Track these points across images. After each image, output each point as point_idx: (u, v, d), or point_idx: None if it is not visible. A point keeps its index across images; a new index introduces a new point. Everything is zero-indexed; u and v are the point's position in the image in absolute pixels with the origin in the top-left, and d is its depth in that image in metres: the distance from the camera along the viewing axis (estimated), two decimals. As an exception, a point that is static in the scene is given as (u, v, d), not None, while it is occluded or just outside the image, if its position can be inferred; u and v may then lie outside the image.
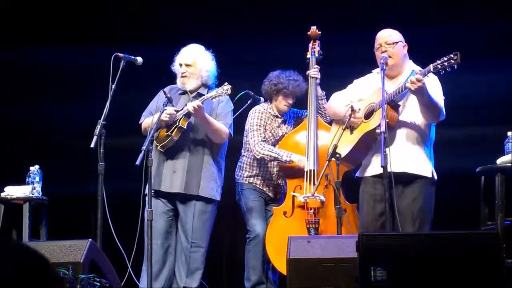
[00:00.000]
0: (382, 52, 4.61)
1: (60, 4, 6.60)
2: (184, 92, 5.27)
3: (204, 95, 5.18)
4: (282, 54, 5.87)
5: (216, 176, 5.19)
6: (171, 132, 5.04)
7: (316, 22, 5.54)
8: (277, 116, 5.51)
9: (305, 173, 5.19)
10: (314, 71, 5.38)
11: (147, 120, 5.18)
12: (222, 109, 5.19)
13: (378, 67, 4.65)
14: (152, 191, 4.94)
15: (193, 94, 5.24)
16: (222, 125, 5.13)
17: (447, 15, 6.10)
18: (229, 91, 4.95)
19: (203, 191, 5.11)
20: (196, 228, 5.11)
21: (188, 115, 5.03)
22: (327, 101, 5.13)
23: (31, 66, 6.59)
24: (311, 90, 5.37)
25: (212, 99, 5.00)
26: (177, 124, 5.03)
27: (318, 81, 5.39)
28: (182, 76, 5.23)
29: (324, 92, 5.38)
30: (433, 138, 4.72)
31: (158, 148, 5.10)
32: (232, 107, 5.30)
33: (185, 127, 5.04)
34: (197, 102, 4.96)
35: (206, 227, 5.15)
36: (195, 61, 5.23)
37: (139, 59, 5.08)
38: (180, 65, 5.24)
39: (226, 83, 4.96)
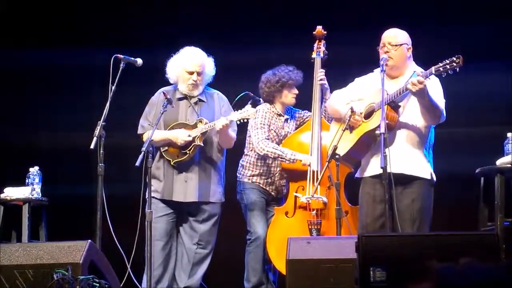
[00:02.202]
0: (385, 53, 4.60)
1: (60, 5, 6.59)
2: (183, 98, 5.26)
3: (202, 99, 5.23)
4: (282, 54, 5.85)
5: (222, 180, 5.29)
6: (189, 150, 5.09)
7: (315, 21, 5.53)
8: (280, 115, 5.50)
9: (308, 174, 5.18)
10: (321, 76, 5.36)
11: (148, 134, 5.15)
12: (226, 114, 5.20)
13: (379, 66, 4.63)
14: (158, 196, 5.04)
15: (194, 100, 5.25)
16: (233, 133, 5.20)
17: (447, 15, 6.09)
18: (254, 115, 5.08)
19: (214, 196, 5.20)
20: (204, 231, 5.18)
21: (205, 133, 5.08)
22: None
23: (30, 66, 6.58)
24: (316, 91, 5.36)
25: (237, 121, 5.07)
26: (195, 142, 5.08)
27: (326, 85, 5.37)
28: (192, 84, 5.22)
29: None
30: (432, 140, 4.71)
31: (172, 163, 5.13)
32: (232, 111, 5.30)
33: (202, 144, 5.10)
34: (225, 121, 5.01)
35: (213, 230, 5.23)
36: (204, 69, 5.25)
37: (139, 61, 5.06)
38: (192, 73, 5.21)
39: (250, 105, 5.08)
